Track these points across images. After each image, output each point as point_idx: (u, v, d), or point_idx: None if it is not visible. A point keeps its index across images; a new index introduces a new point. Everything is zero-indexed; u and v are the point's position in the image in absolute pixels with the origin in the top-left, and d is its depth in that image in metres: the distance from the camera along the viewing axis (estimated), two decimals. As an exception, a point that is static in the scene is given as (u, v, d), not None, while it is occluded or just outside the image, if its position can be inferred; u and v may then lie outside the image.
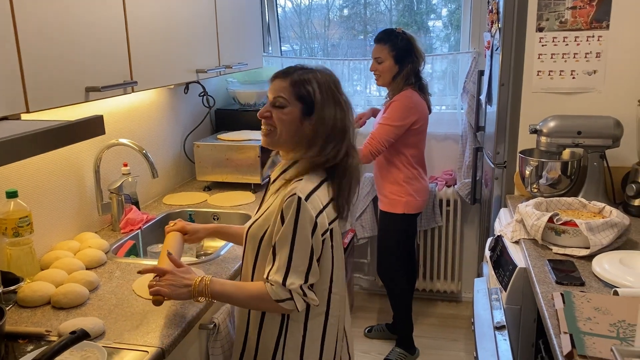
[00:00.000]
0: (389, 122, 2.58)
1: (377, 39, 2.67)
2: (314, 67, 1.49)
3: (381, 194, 2.81)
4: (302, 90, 1.43)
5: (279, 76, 1.46)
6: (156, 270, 1.46)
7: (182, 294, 1.42)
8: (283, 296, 1.37)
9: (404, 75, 2.62)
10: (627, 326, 1.30)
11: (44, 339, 1.39)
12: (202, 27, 2.32)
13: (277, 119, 1.43)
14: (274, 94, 1.45)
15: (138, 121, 2.43)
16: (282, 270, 1.37)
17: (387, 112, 2.60)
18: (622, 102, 2.26)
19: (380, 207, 2.83)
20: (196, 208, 2.44)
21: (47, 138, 1.21)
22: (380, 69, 2.65)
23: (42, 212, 1.86)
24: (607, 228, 1.77)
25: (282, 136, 1.45)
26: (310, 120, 1.43)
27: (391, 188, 2.73)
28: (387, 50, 2.61)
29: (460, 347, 3.04)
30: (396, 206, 2.73)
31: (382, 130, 2.59)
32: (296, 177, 1.43)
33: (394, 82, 2.65)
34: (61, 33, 1.45)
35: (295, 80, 1.43)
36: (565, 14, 2.26)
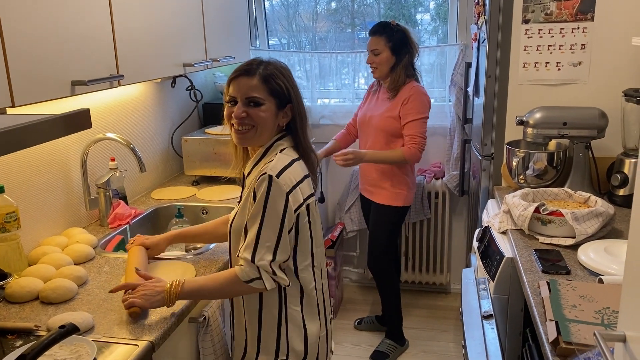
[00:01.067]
0: (419, 115, 2.59)
1: (373, 31, 2.67)
2: (269, 60, 1.51)
3: (379, 187, 2.78)
4: (274, 85, 1.46)
5: (242, 74, 1.47)
6: (127, 286, 1.48)
7: (156, 302, 1.44)
8: (252, 275, 1.40)
9: (403, 66, 2.64)
10: (611, 313, 1.32)
11: (33, 334, 1.38)
12: (189, 20, 2.31)
13: (256, 117, 1.45)
14: (245, 94, 1.45)
15: (125, 115, 2.41)
16: (251, 246, 1.39)
17: (410, 107, 2.59)
18: (607, 93, 2.29)
19: (377, 201, 2.80)
20: (184, 202, 2.43)
21: (33, 132, 1.20)
22: (378, 60, 2.65)
23: (29, 208, 1.85)
24: (592, 217, 1.79)
25: (262, 133, 1.48)
26: (284, 111, 1.49)
27: (393, 181, 2.73)
28: (383, 41, 2.62)
29: (449, 338, 3.07)
30: (397, 199, 2.75)
31: (418, 125, 2.60)
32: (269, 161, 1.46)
33: (393, 74, 2.66)
34: (46, 26, 1.44)
35: (264, 76, 1.46)
36: (550, 6, 2.28)
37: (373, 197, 2.83)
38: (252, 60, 1.50)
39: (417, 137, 2.59)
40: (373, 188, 2.82)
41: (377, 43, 2.63)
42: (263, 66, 1.47)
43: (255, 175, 1.44)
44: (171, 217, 2.26)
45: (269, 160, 1.47)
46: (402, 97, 2.62)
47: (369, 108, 2.79)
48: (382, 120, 2.68)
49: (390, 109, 2.66)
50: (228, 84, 1.51)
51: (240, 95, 1.46)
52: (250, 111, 1.45)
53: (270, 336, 1.50)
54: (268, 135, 1.50)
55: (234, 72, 1.49)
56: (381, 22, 2.67)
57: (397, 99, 2.64)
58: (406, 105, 2.60)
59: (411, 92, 2.61)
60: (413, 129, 2.59)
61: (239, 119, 1.46)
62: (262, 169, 1.43)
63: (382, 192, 2.77)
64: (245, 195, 1.49)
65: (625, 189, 2.14)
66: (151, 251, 1.78)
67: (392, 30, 2.63)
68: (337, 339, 3.06)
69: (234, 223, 1.51)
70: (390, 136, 2.68)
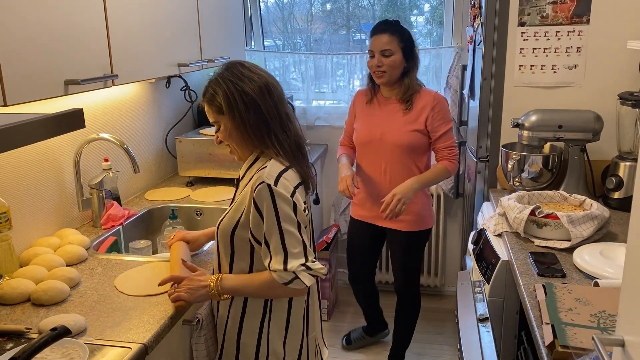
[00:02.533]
0: (450, 124, 2.36)
1: (382, 28, 2.33)
2: (219, 71, 1.49)
3: (405, 213, 2.31)
4: (215, 105, 1.47)
5: (203, 97, 1.51)
6: (173, 279, 1.51)
7: (200, 296, 1.48)
8: (288, 277, 1.41)
9: (415, 72, 2.37)
10: (607, 316, 1.32)
11: (24, 337, 1.36)
12: (184, 19, 2.30)
13: (223, 139, 1.51)
14: (209, 120, 1.53)
15: (119, 116, 2.40)
16: (280, 255, 1.40)
17: (440, 117, 2.31)
18: (602, 97, 2.29)
19: (404, 229, 2.46)
20: (179, 203, 2.42)
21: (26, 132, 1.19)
22: (388, 63, 2.30)
23: (20, 208, 1.83)
24: (587, 220, 1.79)
25: (237, 149, 1.53)
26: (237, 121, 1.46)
27: (421, 202, 2.43)
28: (396, 41, 2.29)
29: (443, 341, 3.06)
30: (427, 221, 2.49)
31: (451, 134, 2.37)
32: (259, 167, 1.47)
33: (406, 80, 2.35)
34: (39, 24, 1.42)
35: (208, 100, 1.49)
36: (546, 9, 2.28)
37: (396, 226, 2.46)
38: (210, 77, 1.51)
39: (454, 148, 2.36)
40: (404, 216, 2.36)
41: (389, 42, 2.29)
42: (208, 86, 1.49)
43: (253, 183, 1.44)
44: (165, 218, 2.24)
45: (262, 165, 1.47)
46: (423, 107, 2.33)
47: (375, 123, 2.41)
48: (404, 135, 2.34)
49: (411, 122, 2.33)
50: None
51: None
52: (218, 135, 1.53)
53: (249, 343, 1.53)
54: (244, 148, 1.52)
55: None
56: (389, 20, 2.37)
57: (415, 110, 2.33)
58: (434, 115, 2.31)
59: (435, 100, 2.32)
60: (449, 140, 2.35)
61: (219, 143, 1.55)
62: (257, 177, 1.43)
63: (411, 218, 2.43)
64: (240, 199, 1.49)
65: (620, 192, 2.14)
66: (191, 245, 1.80)
67: (404, 29, 2.34)
68: (331, 341, 3.05)
69: (223, 224, 1.51)
70: (414, 152, 2.36)
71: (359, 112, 2.50)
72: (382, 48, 2.29)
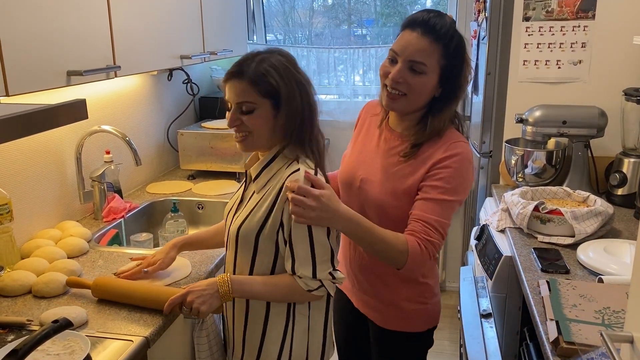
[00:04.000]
0: (451, 195, 1.43)
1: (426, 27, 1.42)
2: (266, 52, 1.37)
3: (389, 304, 1.62)
4: (265, 86, 1.32)
5: (234, 77, 1.34)
6: (177, 299, 1.38)
7: (213, 303, 1.36)
8: (314, 285, 1.35)
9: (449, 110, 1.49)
10: (611, 313, 1.31)
11: (25, 329, 1.36)
12: (187, 12, 2.28)
13: (250, 124, 1.34)
14: (237, 99, 1.34)
15: (121, 108, 2.38)
16: (308, 264, 1.34)
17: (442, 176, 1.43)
18: (607, 92, 2.28)
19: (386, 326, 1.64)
20: (180, 197, 2.41)
21: (28, 122, 1.17)
22: (415, 83, 1.43)
23: (22, 200, 1.82)
24: (591, 217, 1.78)
25: (260, 139, 1.37)
26: (283, 111, 1.35)
27: (408, 292, 1.60)
28: (438, 54, 1.42)
29: (445, 336, 3.06)
30: (416, 320, 1.63)
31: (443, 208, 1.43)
32: (283, 167, 1.38)
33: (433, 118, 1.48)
34: (42, 15, 1.41)
35: (253, 77, 1.32)
36: (551, 4, 2.26)
37: (377, 318, 1.65)
38: (245, 57, 1.36)
39: (432, 228, 1.40)
40: (375, 303, 1.64)
41: (429, 53, 1.42)
42: (255, 63, 1.33)
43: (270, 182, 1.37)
44: (166, 212, 2.23)
45: (284, 165, 1.38)
46: (431, 156, 1.46)
47: (362, 161, 1.59)
48: (385, 193, 1.51)
49: (405, 173, 1.49)
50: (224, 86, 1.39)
51: (231, 100, 1.36)
52: (243, 118, 1.35)
53: (272, 349, 1.44)
54: (268, 140, 1.38)
55: (226, 73, 1.38)
56: (440, 13, 1.46)
57: (420, 158, 1.48)
58: (437, 170, 1.44)
59: (452, 151, 1.44)
60: (436, 212, 1.42)
61: (233, 127, 1.37)
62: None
63: (394, 311, 1.62)
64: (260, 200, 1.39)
65: (623, 188, 2.13)
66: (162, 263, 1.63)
67: (454, 38, 1.44)
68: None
69: (245, 229, 1.39)
70: (393, 222, 1.46)
71: (358, 134, 1.68)
72: (414, 57, 1.42)
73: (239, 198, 1.49)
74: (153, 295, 1.45)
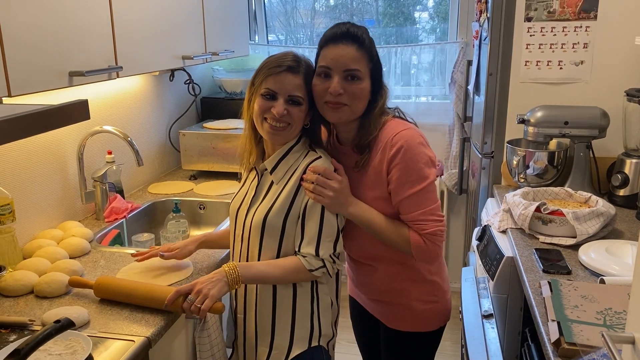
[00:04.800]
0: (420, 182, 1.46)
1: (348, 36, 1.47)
2: (304, 57, 1.51)
3: (396, 304, 1.63)
4: (310, 87, 1.48)
5: (287, 71, 1.44)
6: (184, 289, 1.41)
7: (222, 288, 1.40)
8: (316, 265, 1.46)
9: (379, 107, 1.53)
10: (613, 314, 1.31)
11: (27, 328, 1.36)
12: (188, 12, 2.29)
13: (295, 116, 1.46)
14: (289, 92, 1.44)
15: (122, 108, 2.39)
16: (313, 242, 1.46)
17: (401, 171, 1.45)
18: (609, 93, 2.27)
19: (394, 326, 1.66)
20: (182, 197, 2.41)
21: (30, 122, 1.18)
22: (354, 90, 1.46)
23: (24, 200, 1.82)
24: (593, 217, 1.78)
25: (294, 131, 1.49)
26: (311, 112, 1.51)
27: (418, 291, 1.60)
28: (366, 59, 1.48)
29: (446, 337, 3.03)
30: (429, 319, 1.65)
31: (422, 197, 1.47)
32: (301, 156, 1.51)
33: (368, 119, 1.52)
34: (45, 15, 1.41)
35: (307, 76, 1.47)
36: (553, 4, 2.26)
37: (387, 320, 1.67)
38: (293, 56, 1.47)
39: (425, 221, 1.47)
40: (383, 305, 1.66)
41: (359, 59, 1.46)
42: (305, 64, 1.48)
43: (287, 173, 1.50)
44: (168, 212, 2.23)
45: (301, 155, 1.51)
46: (383, 159, 1.48)
47: None
48: None
49: (370, 184, 1.51)
50: (264, 76, 1.45)
51: (283, 92, 1.44)
52: (291, 109, 1.45)
53: (304, 325, 1.53)
54: (296, 134, 1.51)
55: (276, 66, 1.44)
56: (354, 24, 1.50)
57: (374, 163, 1.50)
58: (394, 170, 1.46)
59: (397, 144, 1.45)
60: (415, 207, 1.47)
61: (281, 115, 1.43)
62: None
63: (405, 312, 1.63)
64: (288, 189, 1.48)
65: (625, 189, 2.13)
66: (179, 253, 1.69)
67: (371, 42, 1.51)
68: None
69: (272, 218, 1.47)
70: None
71: None
72: (348, 67, 1.45)
73: (253, 192, 1.56)
74: (155, 294, 1.46)
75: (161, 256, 1.65)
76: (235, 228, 1.59)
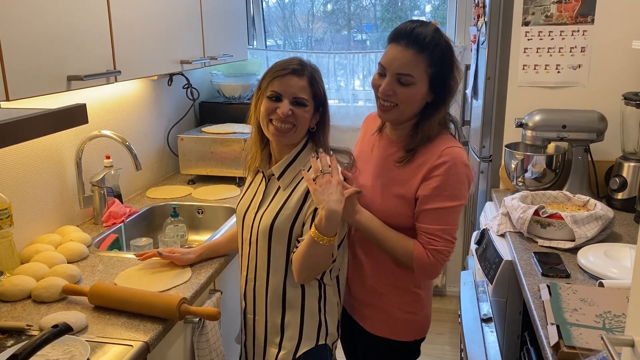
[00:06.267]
0: (452, 201, 1.46)
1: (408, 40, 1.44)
2: (309, 62, 1.53)
3: (374, 307, 1.63)
4: (317, 89, 1.50)
5: (292, 74, 1.47)
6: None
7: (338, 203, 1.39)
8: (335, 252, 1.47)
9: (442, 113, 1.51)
10: (612, 317, 1.31)
11: (25, 333, 1.35)
12: (187, 16, 2.29)
13: (300, 117, 1.47)
14: (294, 94, 1.46)
15: (121, 113, 2.39)
16: None
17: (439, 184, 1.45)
18: (607, 97, 2.28)
19: (370, 330, 1.65)
20: (180, 201, 2.41)
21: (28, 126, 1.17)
22: (404, 94, 1.46)
23: (22, 205, 1.82)
24: (591, 221, 1.78)
25: (299, 133, 1.50)
26: (316, 114, 1.52)
27: (398, 299, 1.60)
28: (424, 64, 1.44)
29: (445, 341, 3.05)
30: (405, 329, 1.63)
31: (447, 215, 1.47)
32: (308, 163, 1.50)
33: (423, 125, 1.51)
34: (43, 19, 1.41)
35: (311, 79, 1.49)
36: (550, 8, 2.27)
37: (366, 323, 1.66)
38: (299, 61, 1.50)
39: (439, 238, 1.45)
40: (364, 307, 1.66)
41: (414, 64, 1.43)
42: (310, 68, 1.50)
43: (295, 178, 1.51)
44: (166, 216, 2.23)
45: (308, 160, 1.51)
46: (425, 163, 1.48)
47: (368, 172, 1.61)
48: (385, 201, 1.53)
49: (401, 179, 1.52)
50: (270, 79, 1.48)
51: (287, 93, 1.47)
52: (296, 110, 1.47)
53: (312, 324, 1.54)
54: (302, 136, 1.52)
55: (282, 69, 1.48)
56: (419, 23, 1.47)
57: (415, 164, 1.50)
58: (432, 178, 1.46)
59: (445, 157, 1.45)
60: (436, 221, 1.46)
61: (285, 116, 1.45)
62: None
63: (382, 316, 1.62)
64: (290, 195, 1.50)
65: (623, 192, 2.13)
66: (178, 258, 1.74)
67: (438, 45, 1.45)
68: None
69: (280, 224, 1.48)
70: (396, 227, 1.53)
71: (361, 149, 1.69)
72: (401, 69, 1.44)
73: (260, 196, 1.57)
74: (149, 301, 1.45)
75: (159, 254, 1.67)
76: (243, 231, 1.60)
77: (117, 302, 1.47)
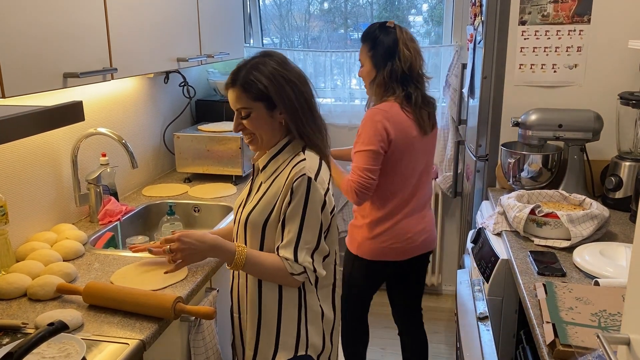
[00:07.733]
0: (364, 146, 1.98)
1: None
2: (255, 58, 1.49)
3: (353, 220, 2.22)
4: (254, 91, 1.44)
5: (229, 86, 1.49)
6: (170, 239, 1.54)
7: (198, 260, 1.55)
8: (298, 270, 1.44)
9: (380, 82, 2.04)
10: (607, 316, 1.31)
11: (21, 331, 1.35)
12: (184, 14, 2.28)
13: (250, 127, 1.48)
14: (234, 106, 1.49)
15: (117, 111, 2.38)
16: (292, 246, 1.43)
17: (359, 134, 2.03)
18: (602, 96, 2.29)
19: None
20: (176, 200, 2.40)
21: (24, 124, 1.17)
22: (360, 74, 2.13)
23: (17, 202, 1.81)
24: (587, 220, 1.78)
25: (263, 138, 1.50)
26: (278, 109, 1.48)
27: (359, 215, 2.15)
28: (365, 50, 2.07)
29: (441, 340, 3.06)
30: (354, 241, 2.18)
31: (360, 157, 1.99)
32: (290, 157, 1.49)
33: (373, 91, 2.08)
34: (39, 16, 1.40)
35: (242, 84, 1.45)
36: (547, 8, 2.27)
37: None
38: (238, 66, 1.49)
39: (354, 173, 1.99)
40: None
41: (361, 52, 2.10)
42: (245, 71, 1.46)
43: (292, 175, 1.43)
44: (162, 215, 2.22)
45: (291, 156, 1.49)
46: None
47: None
48: None
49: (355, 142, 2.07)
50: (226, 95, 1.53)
51: (234, 108, 1.50)
52: (245, 122, 1.48)
53: (290, 333, 1.51)
54: (272, 136, 1.51)
55: (224, 84, 1.51)
56: (370, 26, 2.10)
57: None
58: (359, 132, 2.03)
59: (366, 115, 2.02)
60: (354, 161, 2.01)
61: (238, 131, 1.50)
62: (299, 169, 1.43)
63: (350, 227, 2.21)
64: (268, 189, 1.49)
65: (619, 192, 2.14)
66: None
67: (377, 35, 2.04)
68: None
69: (253, 216, 1.49)
70: None
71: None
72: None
73: (248, 190, 1.59)
74: (143, 300, 1.44)
75: (149, 251, 1.65)
76: (234, 224, 1.61)
77: (111, 302, 1.47)
